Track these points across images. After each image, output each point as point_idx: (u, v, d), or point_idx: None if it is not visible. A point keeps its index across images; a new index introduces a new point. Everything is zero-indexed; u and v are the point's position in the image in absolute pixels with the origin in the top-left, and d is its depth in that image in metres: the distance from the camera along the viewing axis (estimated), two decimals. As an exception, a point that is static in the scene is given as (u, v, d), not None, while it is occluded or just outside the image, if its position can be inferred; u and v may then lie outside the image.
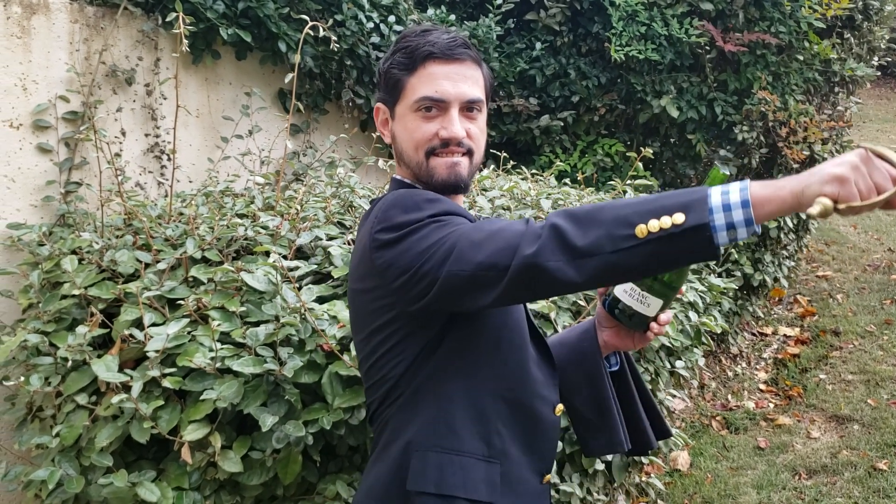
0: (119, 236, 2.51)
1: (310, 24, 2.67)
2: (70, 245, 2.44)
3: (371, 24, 3.86)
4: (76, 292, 2.16)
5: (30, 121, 2.86)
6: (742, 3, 4.50)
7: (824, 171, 0.98)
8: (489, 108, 1.67)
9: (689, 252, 1.06)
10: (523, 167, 3.87)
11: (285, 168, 3.38)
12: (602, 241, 1.06)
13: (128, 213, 2.65)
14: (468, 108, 1.37)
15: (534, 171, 3.91)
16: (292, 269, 2.04)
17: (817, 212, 0.97)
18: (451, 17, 4.37)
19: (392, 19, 3.95)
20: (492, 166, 3.89)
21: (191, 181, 3.40)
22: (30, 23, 2.86)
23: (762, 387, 4.98)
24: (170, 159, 3.25)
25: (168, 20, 2.62)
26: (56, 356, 2.04)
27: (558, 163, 4.16)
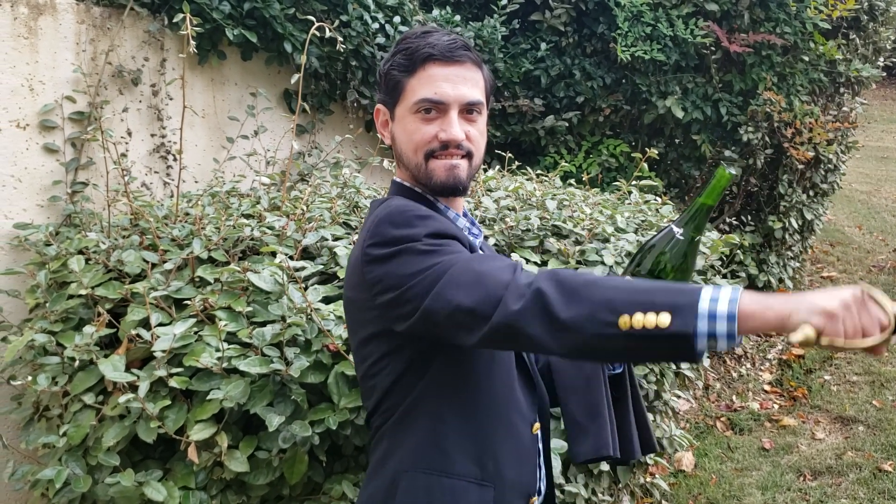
0: (125, 236, 2.52)
1: (316, 24, 2.67)
2: (77, 245, 2.45)
3: (376, 25, 3.87)
4: (83, 292, 2.17)
5: (36, 121, 2.87)
6: (747, 3, 4.50)
7: (815, 302, 0.96)
8: (492, 109, 1.67)
9: (668, 354, 1.06)
10: (528, 168, 3.87)
11: (291, 168, 3.38)
12: (584, 320, 1.04)
13: (134, 214, 2.66)
14: (468, 110, 1.36)
15: (539, 171, 3.91)
16: (298, 270, 2.04)
17: (799, 340, 0.95)
18: (457, 18, 4.38)
19: (397, 20, 3.96)
20: (497, 167, 3.89)
21: (196, 181, 3.41)
22: (36, 23, 2.87)
23: (767, 388, 4.97)
24: (176, 159, 3.26)
25: (175, 21, 2.63)
26: (63, 356, 2.04)
27: (563, 163, 4.16)
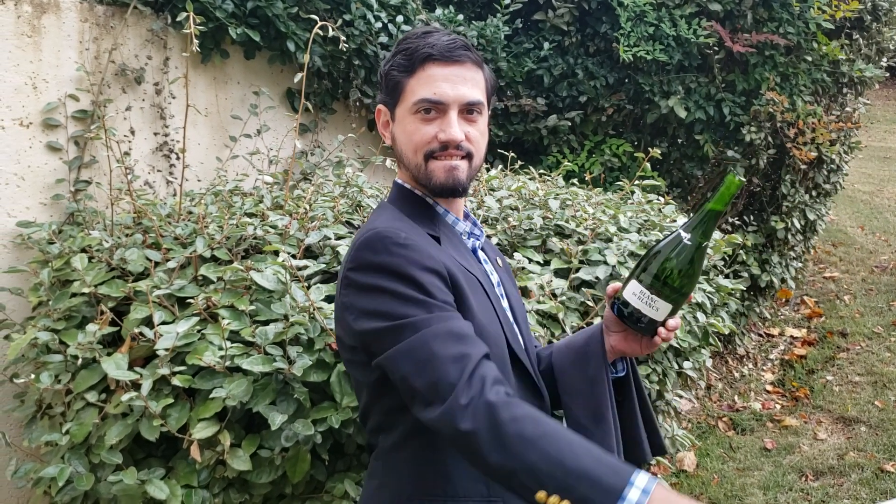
0: (129, 235, 2.52)
1: (319, 23, 2.67)
2: (80, 243, 2.45)
3: (379, 24, 3.87)
4: (86, 290, 2.17)
5: (40, 119, 2.88)
6: (750, 3, 4.49)
7: None
8: (495, 109, 1.67)
9: None
10: (531, 167, 3.87)
11: (294, 167, 3.38)
12: (507, 474, 1.07)
13: (137, 212, 2.66)
14: (468, 110, 1.35)
15: (541, 171, 3.91)
16: (301, 269, 2.04)
17: None
18: (460, 17, 4.37)
19: (400, 19, 3.96)
20: (499, 166, 3.89)
21: (199, 180, 3.41)
22: (40, 22, 2.87)
23: (769, 388, 4.97)
24: (179, 158, 3.26)
25: (178, 19, 2.63)
26: (66, 354, 2.05)
27: (566, 163, 4.16)
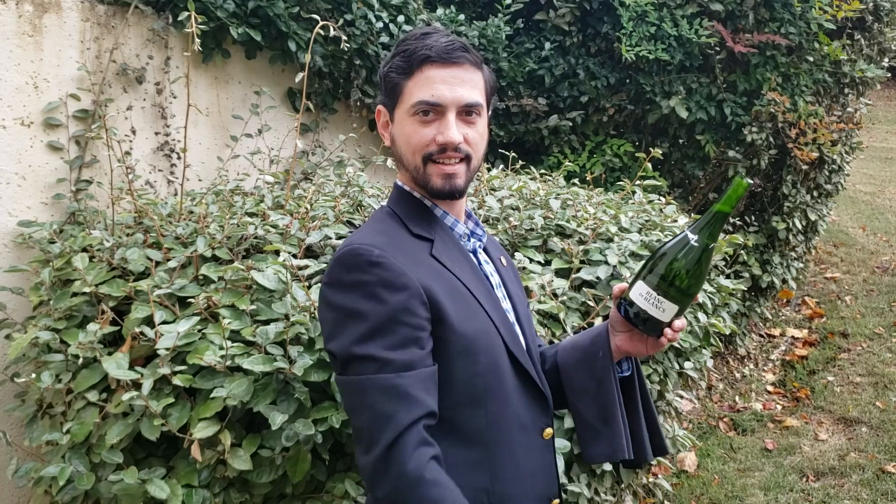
0: (129, 234, 2.52)
1: (320, 23, 2.67)
2: (81, 243, 2.45)
3: (380, 24, 3.87)
4: (87, 290, 2.17)
5: (41, 119, 2.88)
6: (752, 3, 4.49)
7: None
8: (496, 109, 1.68)
9: None
10: (532, 167, 3.87)
11: (294, 167, 3.38)
12: None
13: (138, 212, 2.66)
14: (466, 112, 1.35)
15: (542, 171, 3.91)
16: (302, 268, 2.04)
17: None
18: (461, 17, 4.37)
19: (401, 19, 3.96)
20: (500, 166, 3.89)
21: (200, 180, 3.41)
22: (41, 21, 2.87)
23: (770, 388, 4.97)
24: (180, 158, 3.26)
25: (179, 19, 2.63)
26: (67, 353, 2.04)
27: (567, 163, 4.16)
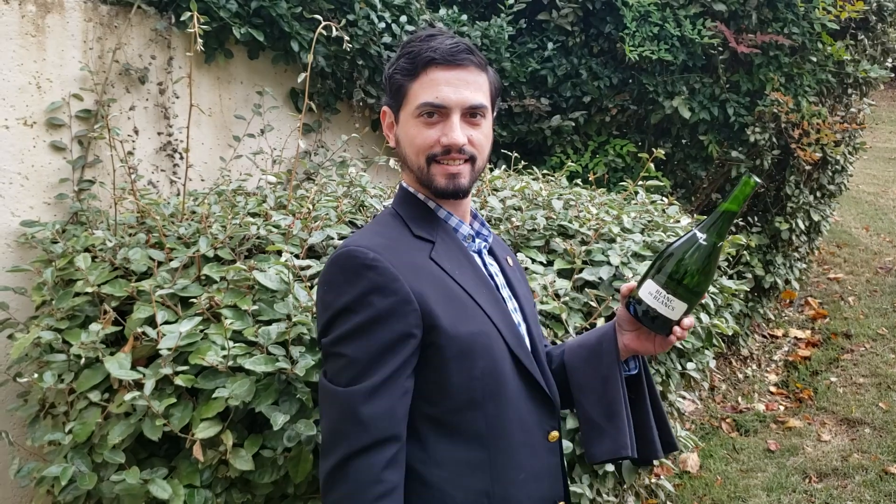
0: (132, 234, 2.52)
1: (322, 23, 2.67)
2: (83, 243, 2.45)
3: (383, 24, 3.87)
4: (89, 290, 2.17)
5: (43, 119, 2.88)
6: (755, 4, 4.48)
7: None
8: (499, 109, 1.69)
9: None
10: (534, 167, 3.87)
11: (297, 167, 3.38)
12: None
13: (141, 212, 2.66)
14: (470, 113, 1.36)
15: (545, 171, 3.91)
16: (304, 269, 2.04)
17: None
18: (463, 18, 4.37)
19: (404, 19, 3.96)
20: (503, 166, 3.89)
21: (203, 180, 3.42)
22: (44, 21, 2.87)
23: (773, 389, 4.96)
24: (182, 158, 3.27)
25: (182, 19, 2.63)
26: (69, 353, 2.04)
27: (569, 163, 4.15)
